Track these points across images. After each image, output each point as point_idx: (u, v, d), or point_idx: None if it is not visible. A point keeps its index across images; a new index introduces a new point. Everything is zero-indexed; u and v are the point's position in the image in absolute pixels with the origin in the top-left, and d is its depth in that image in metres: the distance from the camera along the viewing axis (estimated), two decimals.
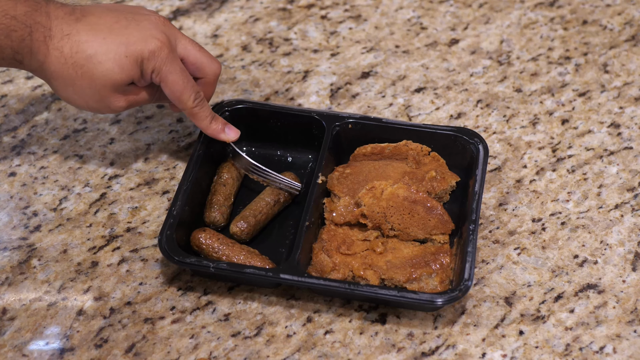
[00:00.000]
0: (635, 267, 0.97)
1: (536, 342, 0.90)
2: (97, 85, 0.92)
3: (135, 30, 0.93)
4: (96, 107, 0.95)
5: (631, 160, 1.08)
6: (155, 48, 0.92)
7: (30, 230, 1.01)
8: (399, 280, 0.92)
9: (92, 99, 0.94)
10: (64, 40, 0.91)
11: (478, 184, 0.96)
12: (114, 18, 0.94)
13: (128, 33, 0.93)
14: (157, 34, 0.93)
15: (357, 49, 1.22)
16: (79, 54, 0.91)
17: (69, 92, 0.94)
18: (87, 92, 0.93)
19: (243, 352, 0.90)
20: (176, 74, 0.94)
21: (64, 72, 0.92)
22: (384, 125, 1.03)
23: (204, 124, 0.99)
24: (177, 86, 0.94)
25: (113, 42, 0.92)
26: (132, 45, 0.92)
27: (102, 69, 0.91)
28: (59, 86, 0.94)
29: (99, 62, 0.91)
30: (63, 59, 0.91)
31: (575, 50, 1.22)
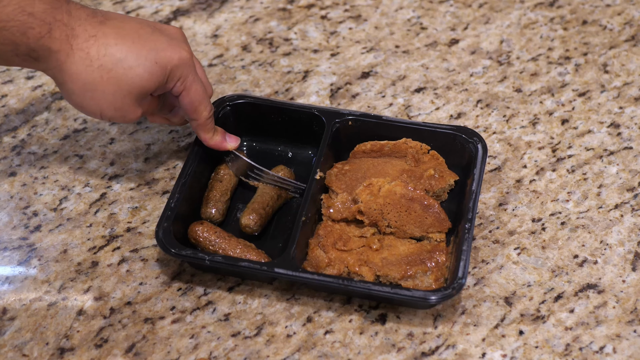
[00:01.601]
0: (635, 267, 0.97)
1: (536, 342, 0.90)
2: (123, 91, 0.89)
3: (162, 37, 0.91)
4: (111, 115, 0.91)
5: (631, 160, 1.08)
6: (184, 56, 0.91)
7: (30, 230, 1.01)
8: (394, 277, 0.92)
9: (111, 106, 0.90)
10: (90, 41, 0.87)
11: (476, 183, 0.96)
12: (138, 24, 0.91)
13: (155, 39, 0.90)
14: (183, 45, 0.92)
15: (357, 49, 1.22)
16: (107, 57, 0.87)
17: (86, 98, 0.89)
18: (108, 98, 0.89)
19: (243, 352, 0.90)
20: (199, 83, 0.93)
21: (87, 74, 0.87)
22: (384, 122, 1.03)
23: (208, 136, 0.98)
24: (198, 96, 0.94)
25: (143, 48, 0.89)
26: (162, 52, 0.90)
27: (131, 74, 0.88)
28: (76, 90, 0.89)
29: (129, 67, 0.88)
30: (89, 60, 0.87)
31: (575, 50, 1.22)
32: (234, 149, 1.01)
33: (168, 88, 0.92)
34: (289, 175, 1.03)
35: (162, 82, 0.90)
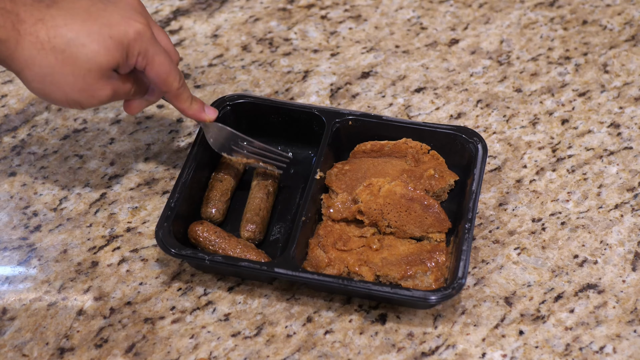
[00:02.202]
0: (635, 267, 0.97)
1: (536, 342, 0.90)
2: (81, 70, 0.86)
3: (115, 12, 0.88)
4: (78, 98, 0.88)
5: (631, 160, 1.08)
6: (140, 29, 0.88)
7: (30, 230, 1.01)
8: (393, 277, 0.92)
9: (75, 88, 0.87)
10: (38, 25, 0.85)
11: (476, 183, 0.96)
12: (89, 1, 0.89)
13: (108, 15, 0.88)
14: (138, 16, 0.89)
15: (357, 49, 1.22)
16: (57, 39, 0.85)
17: (46, 84, 0.87)
18: (69, 80, 0.86)
19: (243, 352, 0.90)
20: (162, 55, 0.90)
21: (41, 59, 0.85)
22: (384, 122, 1.03)
23: (186, 105, 0.95)
24: (164, 67, 0.90)
25: (95, 24, 0.86)
26: (115, 27, 0.87)
27: (86, 51, 0.85)
28: (34, 77, 0.86)
29: (82, 44, 0.85)
30: (39, 44, 0.85)
31: (575, 50, 1.22)
32: (212, 120, 0.98)
33: (131, 64, 0.89)
34: None
35: (121, 57, 0.88)
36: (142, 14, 0.91)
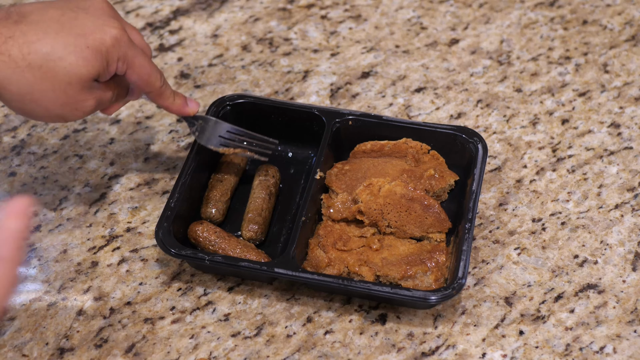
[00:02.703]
0: (635, 267, 0.97)
1: (536, 342, 0.90)
2: (61, 84, 0.83)
3: (87, 19, 0.85)
4: (61, 112, 0.85)
5: (631, 160, 1.08)
6: (117, 34, 0.85)
7: (31, 230, 1.01)
8: (393, 277, 0.92)
9: (57, 103, 0.84)
10: (9, 43, 0.81)
11: (476, 183, 0.96)
12: (58, 11, 0.85)
13: (81, 23, 0.84)
14: (111, 21, 0.86)
15: (357, 49, 1.22)
16: (32, 55, 0.81)
17: (26, 102, 0.83)
18: (49, 96, 0.83)
19: (243, 352, 0.90)
20: (141, 56, 0.88)
21: (18, 78, 0.81)
22: (384, 122, 1.03)
23: (169, 102, 0.94)
24: (144, 69, 0.88)
25: (69, 35, 0.83)
26: (91, 35, 0.84)
27: (64, 64, 0.82)
28: (12, 97, 0.83)
29: (59, 58, 0.82)
30: (13, 63, 0.81)
31: (575, 50, 1.22)
32: (195, 112, 0.97)
33: (111, 71, 0.87)
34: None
35: (101, 66, 0.85)
36: (115, 17, 0.88)
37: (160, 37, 1.24)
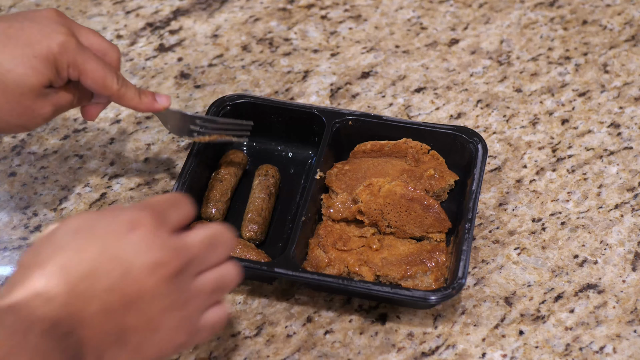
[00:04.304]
0: (635, 267, 0.97)
1: (536, 342, 0.90)
2: (14, 96, 0.84)
3: (33, 29, 0.85)
4: (19, 122, 0.86)
5: (631, 160, 1.08)
6: (62, 40, 0.84)
7: (30, 230, 1.01)
8: (393, 277, 0.92)
9: (12, 114, 0.85)
10: None
11: (476, 183, 0.96)
12: (5, 24, 0.85)
13: (27, 34, 0.84)
14: (58, 27, 0.85)
15: (357, 49, 1.22)
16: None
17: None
18: (5, 108, 0.84)
19: (243, 352, 0.90)
20: (92, 61, 0.87)
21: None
22: (384, 122, 1.03)
23: (135, 102, 0.92)
24: (97, 73, 0.87)
25: (16, 46, 0.83)
26: (37, 44, 0.84)
27: (13, 76, 0.83)
28: None
29: (7, 70, 0.83)
30: None
31: (575, 50, 1.22)
32: (167, 107, 0.95)
33: (63, 77, 0.87)
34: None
35: (51, 73, 0.85)
36: (62, 24, 0.87)
37: (160, 37, 1.24)
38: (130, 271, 0.66)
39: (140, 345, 0.67)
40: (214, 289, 0.72)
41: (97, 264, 0.65)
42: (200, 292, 0.70)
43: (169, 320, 0.68)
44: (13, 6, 1.28)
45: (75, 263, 0.65)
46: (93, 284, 0.64)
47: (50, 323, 0.62)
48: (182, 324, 0.69)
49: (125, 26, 1.26)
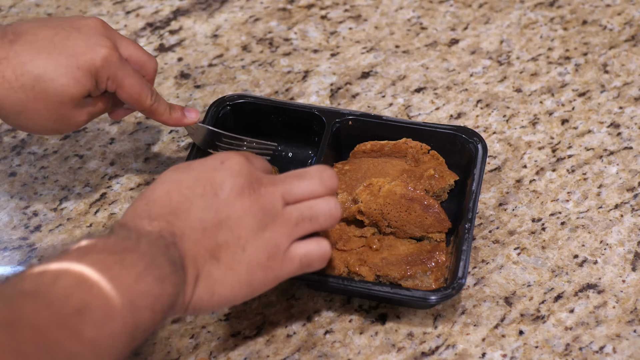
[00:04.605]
0: (635, 267, 0.97)
1: (536, 342, 0.90)
2: (54, 104, 0.86)
3: (79, 39, 0.87)
4: (54, 127, 0.89)
5: (631, 160, 1.08)
6: (106, 54, 0.87)
7: (31, 230, 1.01)
8: (394, 277, 0.92)
9: (50, 119, 0.87)
10: (3, 64, 0.84)
11: (476, 183, 0.96)
12: (52, 31, 0.87)
13: (72, 44, 0.86)
14: (102, 40, 0.88)
15: (357, 49, 1.23)
16: (24, 76, 0.84)
17: (21, 119, 0.87)
18: (42, 114, 0.87)
19: (243, 352, 0.90)
20: (131, 76, 0.90)
21: (12, 98, 0.85)
22: (384, 122, 1.03)
23: (165, 118, 0.95)
24: (134, 88, 0.90)
25: (60, 56, 0.85)
26: (82, 56, 0.86)
27: (55, 85, 0.85)
28: (7, 114, 0.87)
29: (50, 79, 0.85)
30: (7, 84, 0.84)
31: (575, 50, 1.22)
32: (195, 122, 0.98)
33: (101, 89, 0.89)
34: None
35: (91, 85, 0.87)
36: (107, 36, 0.89)
37: (160, 37, 1.24)
38: (221, 193, 0.76)
39: (231, 262, 0.75)
40: (303, 218, 0.79)
41: (193, 189, 0.76)
42: (287, 220, 0.78)
43: (256, 240, 0.76)
44: (13, 6, 1.28)
45: (175, 190, 0.76)
46: (190, 205, 0.75)
47: (156, 235, 0.72)
48: (267, 245, 0.77)
49: (125, 26, 1.26)
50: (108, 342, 0.65)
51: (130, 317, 0.67)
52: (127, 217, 0.75)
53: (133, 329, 0.67)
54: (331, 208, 0.81)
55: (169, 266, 0.71)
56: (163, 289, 0.70)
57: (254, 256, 0.76)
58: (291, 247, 0.79)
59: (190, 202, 0.75)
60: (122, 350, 0.67)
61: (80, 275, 0.65)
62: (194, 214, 0.75)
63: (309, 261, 0.81)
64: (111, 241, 0.70)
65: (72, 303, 0.64)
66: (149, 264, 0.69)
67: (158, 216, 0.74)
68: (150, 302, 0.68)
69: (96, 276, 0.66)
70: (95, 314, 0.64)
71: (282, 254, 0.78)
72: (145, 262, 0.69)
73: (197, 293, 0.74)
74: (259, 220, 0.77)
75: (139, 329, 0.68)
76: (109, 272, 0.66)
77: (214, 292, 0.75)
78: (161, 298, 0.70)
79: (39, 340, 0.61)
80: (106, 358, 0.66)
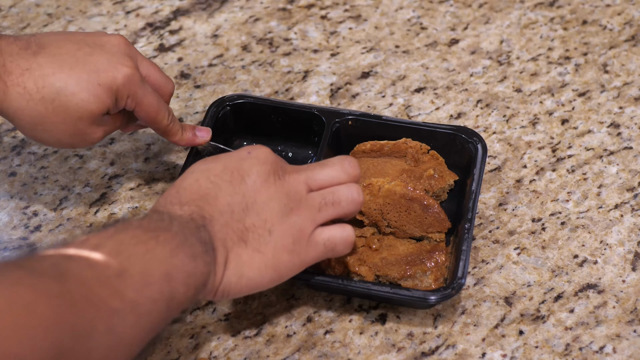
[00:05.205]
0: (635, 267, 0.97)
1: (536, 342, 0.90)
2: (72, 119, 0.86)
3: (102, 56, 0.88)
4: (69, 142, 0.89)
5: (631, 160, 1.08)
6: (128, 73, 0.87)
7: (31, 230, 1.01)
8: (393, 277, 0.92)
9: (66, 134, 0.87)
10: (25, 75, 0.84)
11: (475, 183, 0.96)
12: (75, 46, 0.88)
13: (95, 60, 0.87)
14: (125, 59, 0.89)
15: (357, 49, 1.23)
16: (46, 89, 0.84)
17: (37, 131, 0.87)
18: (60, 128, 0.87)
19: (243, 352, 0.90)
20: (150, 96, 0.90)
21: (30, 109, 0.85)
22: (384, 122, 1.03)
23: (177, 138, 0.96)
24: (152, 108, 0.91)
25: (82, 71, 0.86)
26: (104, 73, 0.86)
27: (76, 100, 0.85)
28: (24, 125, 0.87)
29: (71, 93, 0.85)
30: (28, 95, 0.84)
31: (575, 50, 1.22)
32: (207, 142, 0.99)
33: (120, 107, 0.90)
34: None
35: (111, 102, 0.88)
36: (130, 55, 0.90)
37: (160, 37, 1.24)
38: (248, 179, 0.80)
39: (258, 245, 0.79)
40: (326, 203, 0.82)
41: (221, 176, 0.79)
42: (311, 205, 0.82)
43: (281, 224, 0.80)
44: (13, 6, 1.28)
45: (204, 178, 0.79)
46: (218, 191, 0.78)
47: (187, 218, 0.75)
48: (292, 229, 0.80)
49: (125, 26, 1.26)
50: (148, 306, 0.68)
51: (167, 287, 0.70)
52: (158, 204, 0.78)
53: (169, 298, 0.70)
54: (353, 193, 0.84)
55: (200, 246, 0.74)
56: (195, 266, 0.73)
57: (279, 240, 0.79)
58: (315, 231, 0.82)
59: (218, 188, 0.79)
60: (160, 317, 0.70)
61: (119, 245, 0.69)
62: (222, 199, 0.78)
63: (333, 245, 0.84)
64: (145, 222, 0.74)
65: (113, 267, 0.67)
66: (182, 242, 0.72)
67: (188, 201, 0.77)
68: (184, 276, 0.72)
69: (134, 247, 0.69)
70: (135, 278, 0.67)
71: (306, 238, 0.81)
72: (178, 240, 0.72)
73: (226, 275, 0.77)
74: (284, 205, 0.80)
75: (174, 300, 0.71)
76: (145, 245, 0.70)
77: (243, 274, 0.78)
78: (194, 274, 0.73)
79: (85, 293, 0.64)
80: (145, 321, 0.69)
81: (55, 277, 0.63)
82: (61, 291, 0.63)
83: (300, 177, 0.83)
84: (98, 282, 0.66)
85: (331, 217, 0.84)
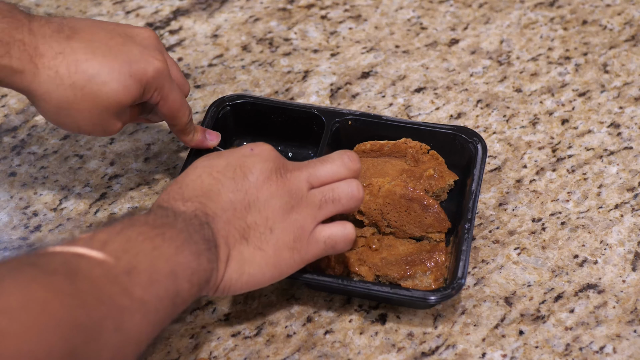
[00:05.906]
0: (635, 267, 0.97)
1: (536, 342, 0.90)
2: (99, 108, 0.85)
3: (134, 47, 0.87)
4: (89, 130, 0.88)
5: (631, 160, 1.08)
6: (159, 67, 0.87)
7: (31, 230, 1.01)
8: (393, 277, 0.92)
9: (89, 122, 0.87)
10: (58, 58, 0.83)
11: (475, 183, 0.96)
12: (108, 34, 0.87)
13: (127, 51, 0.86)
14: (156, 53, 0.88)
15: (357, 49, 1.23)
16: (78, 74, 0.83)
17: (61, 115, 0.86)
18: (84, 115, 0.86)
19: (243, 352, 0.90)
20: (175, 92, 0.91)
21: (59, 93, 0.84)
22: (384, 122, 1.03)
23: (189, 138, 0.97)
24: (176, 104, 0.91)
25: (115, 61, 0.85)
26: (135, 64, 0.86)
27: (106, 89, 0.84)
28: (49, 108, 0.86)
29: (103, 82, 0.84)
30: (59, 79, 0.83)
31: (575, 50, 1.22)
32: (215, 145, 0.99)
33: (145, 99, 0.90)
34: None
35: (138, 94, 0.87)
36: (160, 50, 0.91)
37: (160, 37, 1.24)
38: (251, 176, 0.80)
39: (260, 242, 0.79)
40: (326, 200, 0.83)
41: (224, 172, 0.80)
42: (311, 202, 0.82)
43: (282, 222, 0.81)
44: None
45: (207, 174, 0.80)
46: (221, 187, 0.79)
47: (190, 215, 0.76)
48: (293, 226, 0.81)
49: None
50: (154, 304, 0.69)
51: (172, 285, 0.71)
52: (162, 199, 0.79)
53: (174, 295, 0.71)
54: (352, 189, 0.85)
55: (203, 243, 0.75)
56: (199, 264, 0.74)
57: (281, 237, 0.80)
58: (316, 229, 0.83)
59: (221, 185, 0.79)
60: (165, 314, 0.71)
61: (126, 242, 0.69)
62: (224, 196, 0.79)
63: (334, 242, 0.84)
64: (151, 218, 0.74)
65: (121, 265, 0.67)
66: (186, 239, 0.73)
67: (191, 197, 0.78)
68: (189, 274, 0.72)
69: (141, 244, 0.70)
70: (142, 276, 0.68)
71: (307, 236, 0.82)
72: (182, 237, 0.73)
73: (228, 272, 0.78)
74: (285, 203, 0.81)
75: (179, 297, 0.72)
76: (152, 242, 0.71)
77: (244, 271, 0.79)
78: (198, 272, 0.74)
79: (95, 291, 0.65)
80: (152, 318, 0.69)
81: (66, 275, 0.64)
82: (73, 289, 0.63)
83: (302, 174, 0.83)
84: (107, 279, 0.66)
85: (332, 213, 0.84)
